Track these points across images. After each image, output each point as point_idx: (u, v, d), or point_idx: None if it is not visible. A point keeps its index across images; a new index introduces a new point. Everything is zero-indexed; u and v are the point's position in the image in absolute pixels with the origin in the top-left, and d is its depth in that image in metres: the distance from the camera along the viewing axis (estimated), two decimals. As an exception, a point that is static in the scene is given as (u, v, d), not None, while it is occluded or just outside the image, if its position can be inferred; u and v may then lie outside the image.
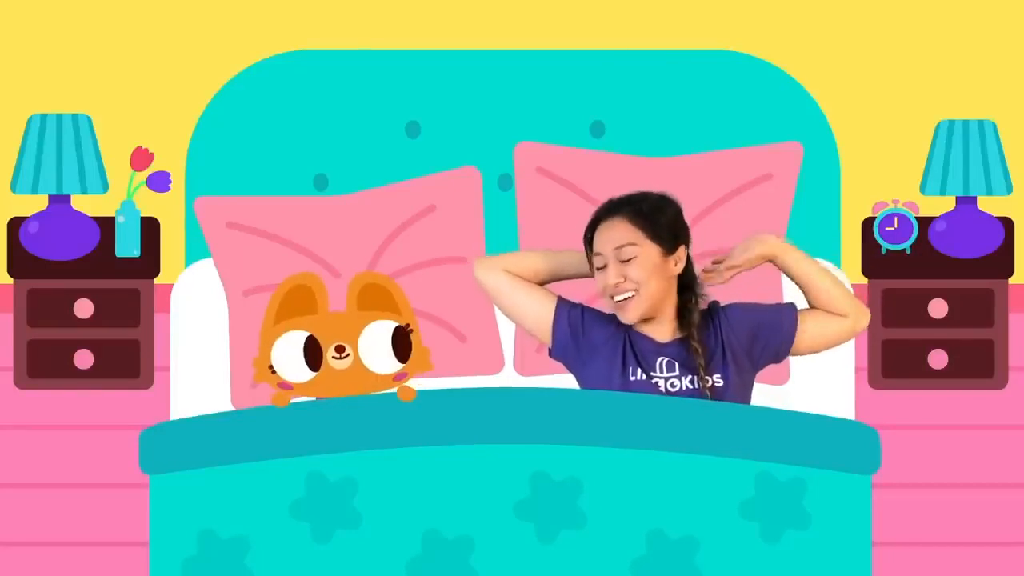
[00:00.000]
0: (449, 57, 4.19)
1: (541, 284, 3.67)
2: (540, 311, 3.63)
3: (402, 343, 3.38)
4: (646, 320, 3.55)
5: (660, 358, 3.54)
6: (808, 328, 3.59)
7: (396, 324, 3.38)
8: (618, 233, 3.53)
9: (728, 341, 3.56)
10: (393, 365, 3.38)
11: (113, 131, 4.23)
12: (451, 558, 3.17)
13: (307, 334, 3.35)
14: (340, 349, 3.35)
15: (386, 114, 4.17)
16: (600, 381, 3.55)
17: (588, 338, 3.58)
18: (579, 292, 3.72)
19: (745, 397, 3.57)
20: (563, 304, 3.62)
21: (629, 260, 3.50)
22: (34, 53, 4.29)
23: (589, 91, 4.18)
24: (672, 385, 3.51)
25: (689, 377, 3.52)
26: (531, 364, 3.96)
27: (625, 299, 3.51)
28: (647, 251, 3.52)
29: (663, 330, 3.57)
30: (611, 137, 4.16)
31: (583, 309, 3.62)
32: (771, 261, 3.63)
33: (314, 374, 3.35)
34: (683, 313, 3.57)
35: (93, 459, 4.23)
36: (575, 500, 3.18)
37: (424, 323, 3.85)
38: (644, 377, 3.52)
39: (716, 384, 3.51)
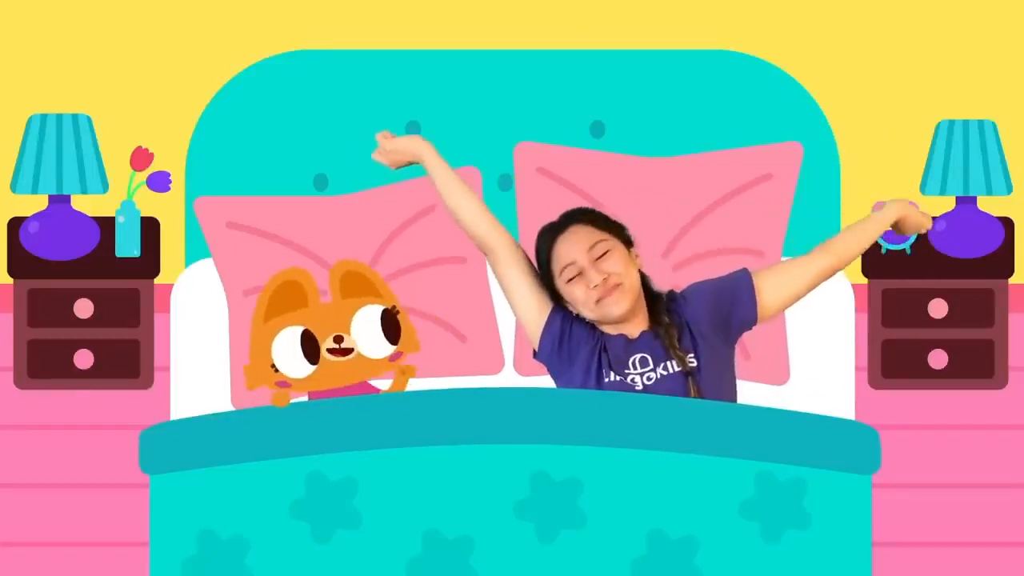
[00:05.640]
0: (449, 57, 4.19)
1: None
2: (533, 315, 3.59)
3: (392, 325, 3.39)
4: (622, 318, 3.54)
5: (633, 356, 3.53)
6: (767, 286, 3.56)
7: (383, 307, 3.38)
8: (583, 236, 3.52)
9: (692, 320, 3.54)
10: (387, 348, 3.39)
11: (113, 131, 4.23)
12: (451, 558, 3.17)
13: (304, 329, 3.35)
14: (339, 339, 3.35)
15: (386, 114, 4.17)
16: (576, 387, 3.55)
17: (571, 344, 3.56)
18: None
19: (723, 373, 3.55)
20: (556, 312, 3.58)
21: (604, 255, 3.50)
22: (34, 53, 4.29)
23: (589, 91, 4.18)
24: (648, 379, 3.50)
25: (663, 364, 3.50)
26: (531, 364, 3.95)
27: (612, 292, 3.49)
28: (615, 245, 3.53)
29: (634, 326, 3.55)
30: (611, 137, 4.16)
31: (571, 316, 3.59)
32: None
33: (314, 367, 3.35)
34: (651, 301, 3.56)
35: (93, 459, 4.23)
36: (575, 500, 3.18)
37: (424, 323, 3.86)
38: (619, 379, 3.51)
39: (690, 363, 3.50)
